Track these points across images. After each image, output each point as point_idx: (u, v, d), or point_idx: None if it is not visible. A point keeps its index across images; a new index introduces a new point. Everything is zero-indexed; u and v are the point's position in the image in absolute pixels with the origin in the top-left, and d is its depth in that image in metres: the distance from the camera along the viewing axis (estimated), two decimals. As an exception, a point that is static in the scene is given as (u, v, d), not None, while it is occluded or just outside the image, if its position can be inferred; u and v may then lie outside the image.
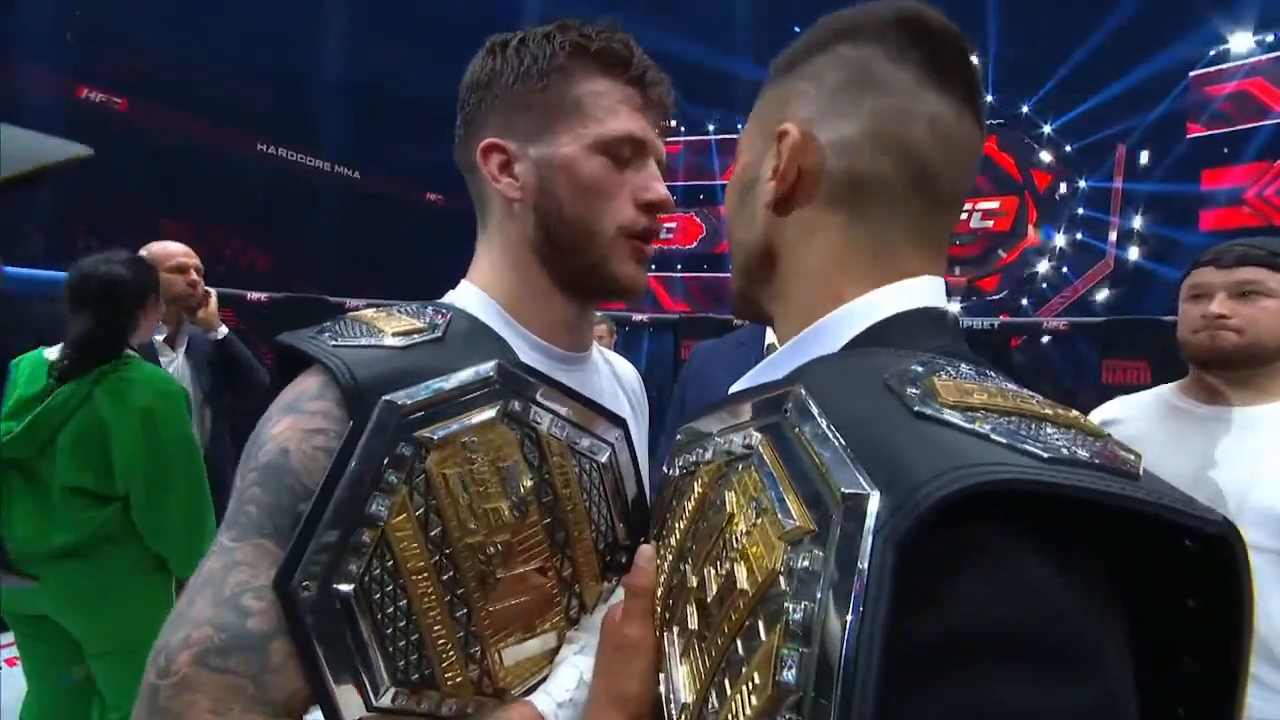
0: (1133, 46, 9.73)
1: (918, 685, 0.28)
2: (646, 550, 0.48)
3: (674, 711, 0.39)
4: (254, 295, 4.61)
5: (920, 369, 0.36)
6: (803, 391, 0.38)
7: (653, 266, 0.71)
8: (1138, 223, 10.32)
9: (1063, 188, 10.71)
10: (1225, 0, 9.24)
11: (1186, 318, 1.24)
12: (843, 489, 0.31)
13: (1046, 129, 10.74)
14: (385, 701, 0.51)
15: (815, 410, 0.36)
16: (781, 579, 0.32)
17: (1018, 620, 0.28)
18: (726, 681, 0.33)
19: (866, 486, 0.30)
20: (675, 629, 0.41)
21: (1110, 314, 6.52)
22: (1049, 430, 0.32)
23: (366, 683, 0.50)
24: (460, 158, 0.69)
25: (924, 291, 0.45)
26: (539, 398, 0.59)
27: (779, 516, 0.33)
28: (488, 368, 0.57)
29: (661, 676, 0.43)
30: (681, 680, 0.39)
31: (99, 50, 8.57)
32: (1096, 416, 1.40)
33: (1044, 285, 10.70)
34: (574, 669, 0.58)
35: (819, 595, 0.29)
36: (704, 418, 0.48)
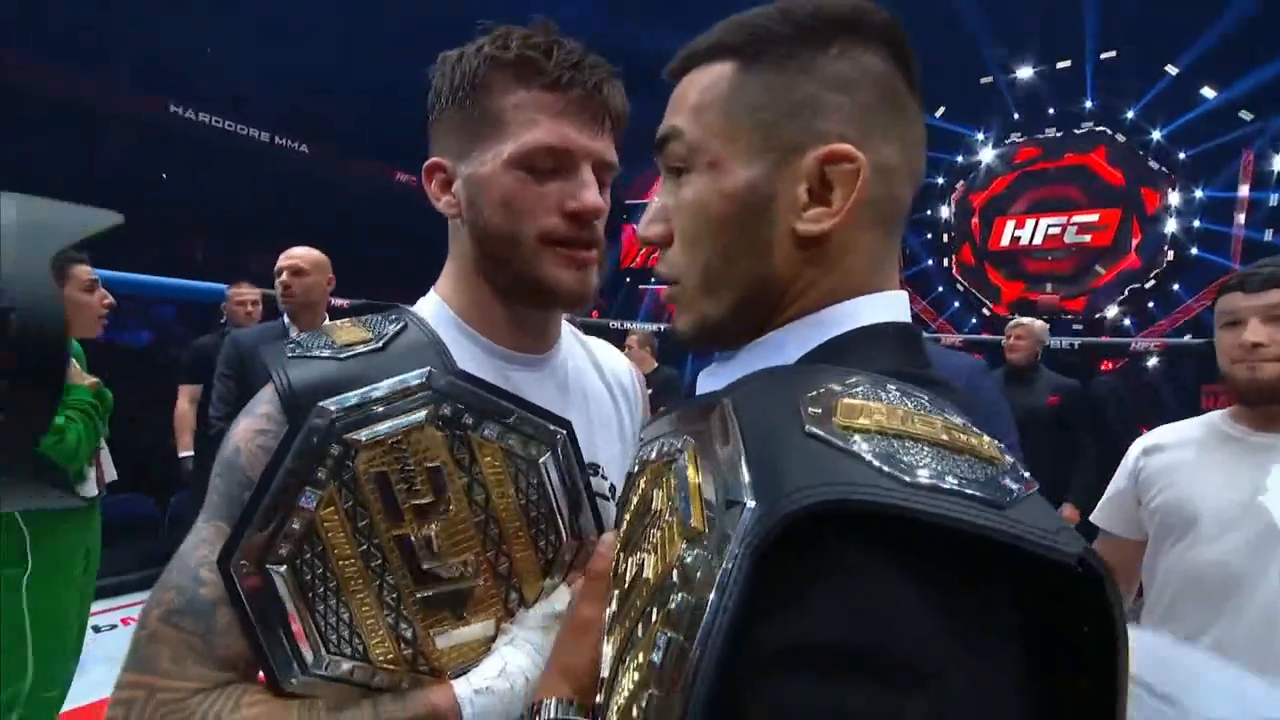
0: (1256, 39, 8.80)
1: (764, 684, 0.31)
2: (608, 537, 0.53)
3: (601, 686, 0.44)
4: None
5: (839, 389, 0.38)
6: (728, 403, 0.41)
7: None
8: (1269, 236, 9.30)
9: (1175, 199, 9.83)
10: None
11: (1223, 345, 1.19)
12: (728, 496, 0.35)
13: (1155, 135, 9.91)
14: (319, 670, 0.59)
15: (733, 423, 0.39)
16: (674, 572, 0.36)
17: (858, 632, 0.31)
18: (627, 658, 0.38)
19: (746, 496, 0.34)
20: (607, 611, 0.45)
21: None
22: (930, 454, 0.34)
23: (302, 649, 0.58)
24: None
25: (891, 306, 0.47)
26: (471, 402, 0.64)
27: (683, 517, 0.38)
28: (417, 375, 0.63)
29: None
30: (606, 657, 0.43)
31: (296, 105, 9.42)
32: (1143, 443, 1.35)
33: (1150, 304, 9.82)
34: (499, 659, 0.63)
35: (693, 590, 0.33)
36: (661, 419, 0.51)
